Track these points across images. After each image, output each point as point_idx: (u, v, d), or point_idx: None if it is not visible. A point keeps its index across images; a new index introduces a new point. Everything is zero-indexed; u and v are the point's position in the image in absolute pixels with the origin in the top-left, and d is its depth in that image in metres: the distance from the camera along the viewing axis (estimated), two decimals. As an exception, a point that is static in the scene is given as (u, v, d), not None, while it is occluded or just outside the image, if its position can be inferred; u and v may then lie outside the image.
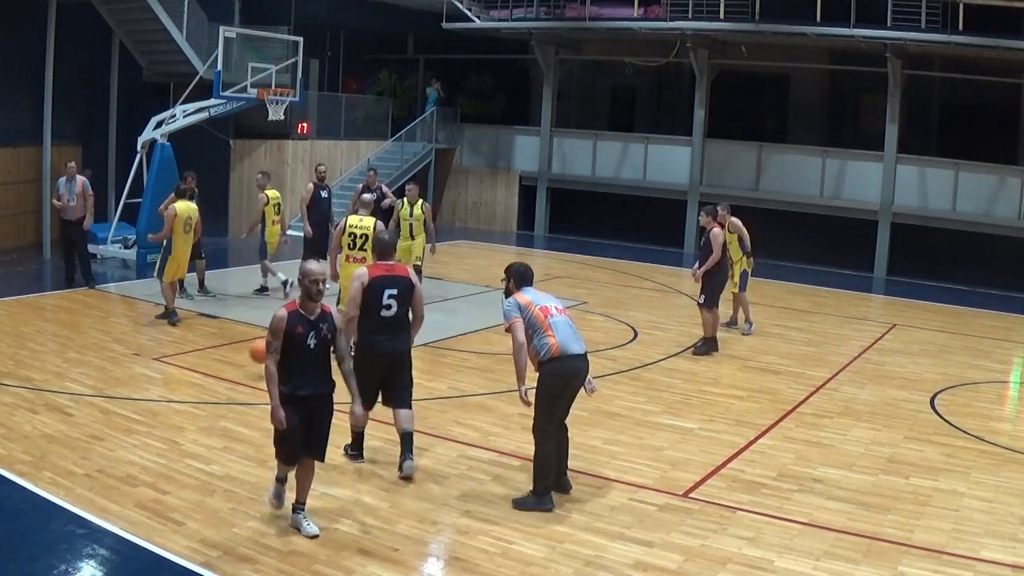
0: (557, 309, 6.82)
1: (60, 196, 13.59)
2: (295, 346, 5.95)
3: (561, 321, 6.76)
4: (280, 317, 5.97)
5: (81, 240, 13.80)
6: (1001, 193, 18.29)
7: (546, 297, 6.94)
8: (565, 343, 6.67)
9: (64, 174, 13.71)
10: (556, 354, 6.64)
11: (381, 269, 7.25)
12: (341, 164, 22.05)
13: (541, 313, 6.72)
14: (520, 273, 7.01)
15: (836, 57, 21.50)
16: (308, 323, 6.00)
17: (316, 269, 6.06)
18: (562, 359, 6.66)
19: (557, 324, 6.72)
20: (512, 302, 6.82)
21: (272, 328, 5.98)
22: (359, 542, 6.07)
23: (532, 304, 6.77)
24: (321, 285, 5.99)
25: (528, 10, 22.06)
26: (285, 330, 5.94)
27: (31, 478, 6.77)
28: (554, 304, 6.85)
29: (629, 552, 6.11)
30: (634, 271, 18.16)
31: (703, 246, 11.79)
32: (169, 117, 16.44)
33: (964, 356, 12.41)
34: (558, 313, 6.80)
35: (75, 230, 13.65)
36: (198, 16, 17.56)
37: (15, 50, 16.32)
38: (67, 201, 13.52)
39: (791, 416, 9.30)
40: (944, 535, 6.55)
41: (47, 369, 9.61)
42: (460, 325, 12.60)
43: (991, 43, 17.01)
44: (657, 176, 21.88)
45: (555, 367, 6.67)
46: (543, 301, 6.84)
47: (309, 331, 5.99)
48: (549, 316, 6.72)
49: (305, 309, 6.02)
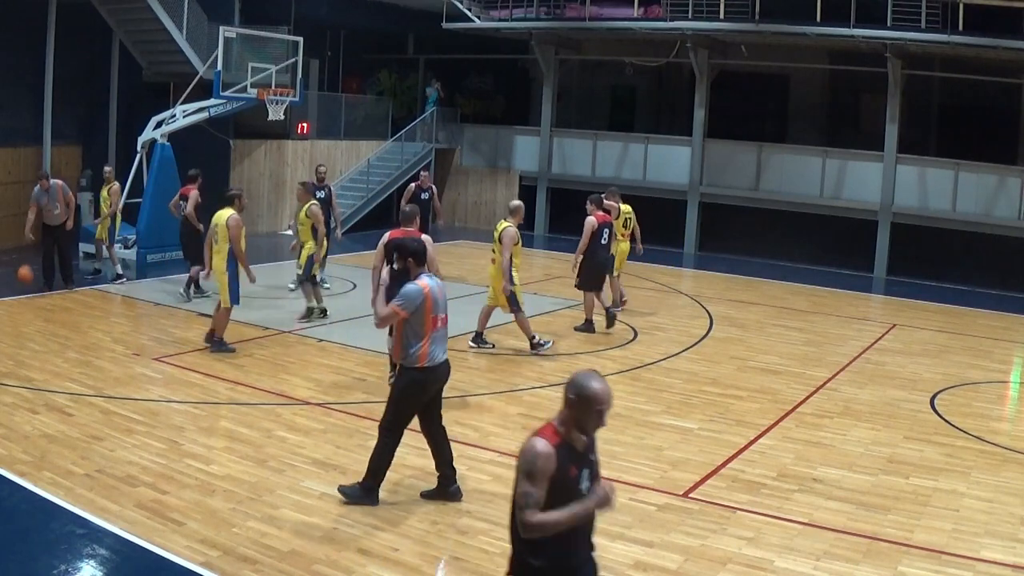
0: (442, 320, 6.63)
1: (41, 207, 13.29)
2: (565, 495, 3.89)
3: (440, 335, 6.62)
4: (545, 453, 3.88)
5: (64, 243, 13.60)
6: (1001, 193, 18.30)
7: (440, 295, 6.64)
8: (434, 353, 6.56)
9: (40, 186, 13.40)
10: (423, 364, 6.51)
11: (399, 232, 8.68)
12: (341, 164, 22.06)
13: (431, 321, 6.51)
14: (417, 251, 6.76)
15: (836, 57, 21.51)
16: (580, 458, 4.04)
17: (606, 392, 4.04)
18: (426, 370, 6.55)
19: (436, 337, 6.56)
20: (416, 292, 6.47)
21: (535, 468, 3.87)
22: (359, 542, 6.07)
23: (429, 302, 6.50)
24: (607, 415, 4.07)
25: (528, 10, 22.07)
26: (555, 472, 3.88)
27: (31, 478, 6.77)
28: (442, 315, 6.62)
29: (629, 552, 6.11)
30: (634, 271, 18.15)
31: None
32: (169, 117, 16.45)
33: (964, 356, 12.41)
34: (442, 325, 6.63)
35: (58, 234, 13.48)
36: (198, 16, 17.56)
37: (15, 50, 16.33)
38: (51, 210, 13.33)
39: (791, 416, 9.30)
40: (944, 535, 6.55)
41: (47, 369, 9.61)
42: (460, 325, 12.55)
43: (991, 43, 17.01)
44: (657, 176, 21.88)
45: (417, 376, 6.56)
46: (439, 309, 6.59)
47: (582, 470, 4.02)
48: (434, 330, 6.55)
49: (575, 439, 4.05)
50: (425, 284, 6.55)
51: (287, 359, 10.46)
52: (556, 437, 3.95)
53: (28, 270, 12.02)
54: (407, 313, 6.46)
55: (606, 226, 12.33)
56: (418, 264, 6.72)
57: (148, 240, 15.84)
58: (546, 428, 4.03)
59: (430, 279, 6.64)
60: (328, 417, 8.48)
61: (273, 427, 8.23)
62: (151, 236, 15.78)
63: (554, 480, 3.83)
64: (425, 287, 6.52)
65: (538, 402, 9.38)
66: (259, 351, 10.70)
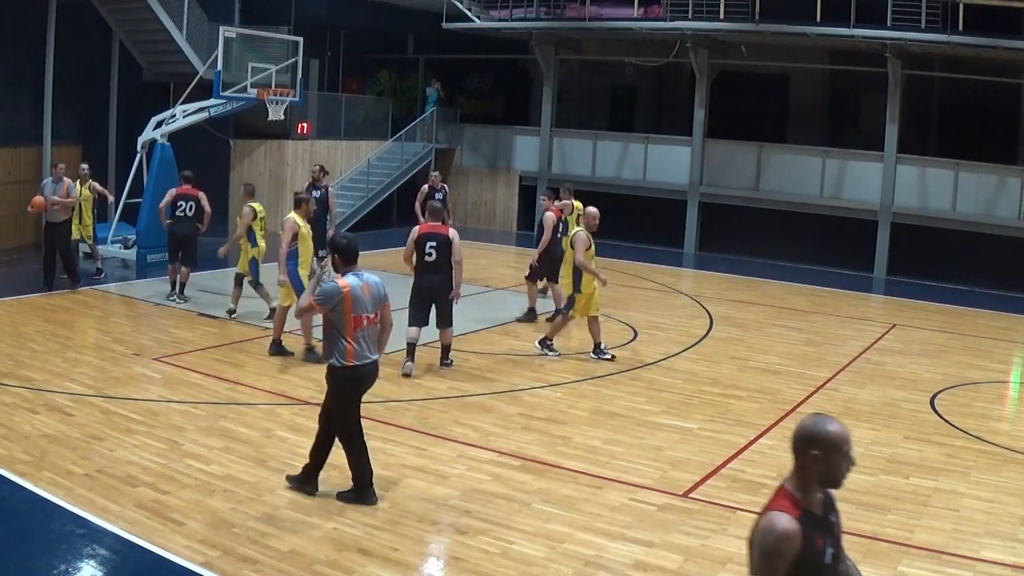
0: (368, 320, 6.52)
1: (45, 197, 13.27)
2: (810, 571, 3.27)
3: (365, 334, 6.51)
4: (789, 533, 3.21)
5: (64, 242, 13.58)
6: (1001, 193, 18.29)
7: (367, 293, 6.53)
8: (360, 352, 6.51)
9: (52, 175, 13.53)
10: (349, 362, 6.49)
11: (428, 227, 10.06)
12: (341, 164, 22.05)
13: (351, 320, 6.45)
14: (344, 248, 6.68)
15: (836, 57, 21.50)
16: (823, 525, 3.37)
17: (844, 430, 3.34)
18: (354, 368, 6.53)
19: (360, 336, 6.49)
20: (334, 290, 6.43)
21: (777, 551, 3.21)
22: (359, 542, 6.07)
23: (348, 302, 6.43)
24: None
25: (528, 10, 22.06)
26: (800, 550, 3.22)
27: (31, 478, 6.77)
28: (367, 314, 6.51)
29: (629, 552, 6.11)
30: (634, 271, 18.16)
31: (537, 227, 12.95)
32: (169, 117, 16.45)
33: (964, 356, 12.40)
34: (368, 325, 6.53)
35: (58, 232, 13.45)
36: (198, 16, 17.56)
37: (15, 50, 16.34)
38: (50, 204, 13.28)
39: (791, 416, 9.30)
40: (944, 535, 6.55)
41: (47, 369, 9.61)
42: (460, 325, 12.56)
43: (991, 43, 17.00)
44: (657, 176, 21.87)
45: (347, 374, 6.54)
46: (362, 308, 6.48)
47: (826, 539, 3.35)
48: (359, 328, 6.47)
49: (813, 503, 3.36)
50: (345, 283, 6.46)
51: (287, 359, 10.45)
52: (796, 509, 3.30)
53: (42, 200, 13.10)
54: (321, 308, 6.47)
55: (561, 221, 12.73)
56: (344, 262, 6.60)
57: (148, 240, 15.83)
58: (781, 498, 3.34)
59: (356, 277, 6.52)
60: (328, 417, 8.47)
61: (273, 427, 8.24)
62: (151, 236, 15.76)
63: (798, 557, 3.24)
64: (344, 286, 6.44)
65: (538, 402, 9.39)
66: (259, 351, 10.70)
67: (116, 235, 16.44)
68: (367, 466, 6.70)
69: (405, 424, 8.49)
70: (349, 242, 6.74)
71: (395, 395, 9.38)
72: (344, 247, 6.68)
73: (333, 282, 6.50)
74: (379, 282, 6.69)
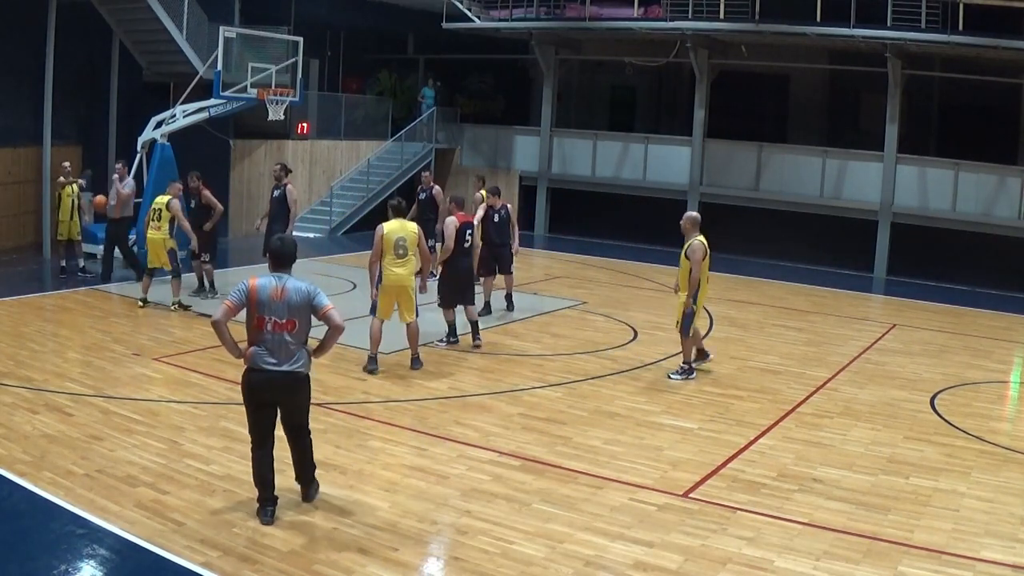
0: (274, 324, 6.16)
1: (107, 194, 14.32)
2: None
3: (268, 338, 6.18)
4: None
5: (122, 239, 14.36)
6: (1001, 193, 18.29)
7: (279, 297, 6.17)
8: (257, 356, 6.20)
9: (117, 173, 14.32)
10: (247, 364, 6.26)
11: (463, 216, 11.31)
12: (341, 164, 22.05)
13: (254, 320, 6.20)
14: (273, 250, 6.42)
15: (836, 57, 21.51)
16: None
17: None
18: (249, 371, 6.26)
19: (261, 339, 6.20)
20: (241, 286, 6.25)
21: None
22: (359, 542, 6.07)
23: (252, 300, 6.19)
24: None
25: (528, 10, 22.07)
26: None
27: (31, 478, 6.77)
28: (273, 317, 6.15)
29: (629, 552, 6.11)
30: (634, 271, 18.16)
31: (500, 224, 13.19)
32: (169, 117, 16.44)
33: (964, 356, 12.40)
34: (274, 329, 6.17)
35: (116, 229, 14.28)
36: (198, 16, 17.55)
37: (15, 50, 16.32)
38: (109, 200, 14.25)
39: (791, 416, 9.30)
40: (944, 535, 6.54)
41: (47, 369, 9.61)
42: (460, 325, 12.60)
43: (991, 43, 17.01)
44: (657, 176, 21.88)
45: (245, 376, 6.30)
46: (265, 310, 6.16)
47: None
48: (261, 330, 6.19)
49: None
50: (254, 281, 6.23)
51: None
52: None
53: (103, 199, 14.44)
54: (231, 303, 6.21)
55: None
56: (273, 264, 6.35)
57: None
58: None
59: (274, 279, 6.21)
60: (328, 417, 8.47)
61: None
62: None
63: None
64: (252, 283, 6.20)
65: (538, 402, 9.39)
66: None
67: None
68: (260, 481, 6.29)
69: (405, 424, 8.49)
70: (281, 244, 6.42)
71: (395, 395, 9.38)
72: (273, 249, 6.42)
73: (246, 280, 6.29)
74: (306, 290, 6.21)
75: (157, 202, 12.83)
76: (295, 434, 6.50)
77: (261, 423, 6.33)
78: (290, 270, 6.37)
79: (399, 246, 9.89)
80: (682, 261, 10.59)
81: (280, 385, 6.24)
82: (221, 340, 6.29)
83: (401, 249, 9.90)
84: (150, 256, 12.89)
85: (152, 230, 12.75)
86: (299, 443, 6.53)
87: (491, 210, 13.20)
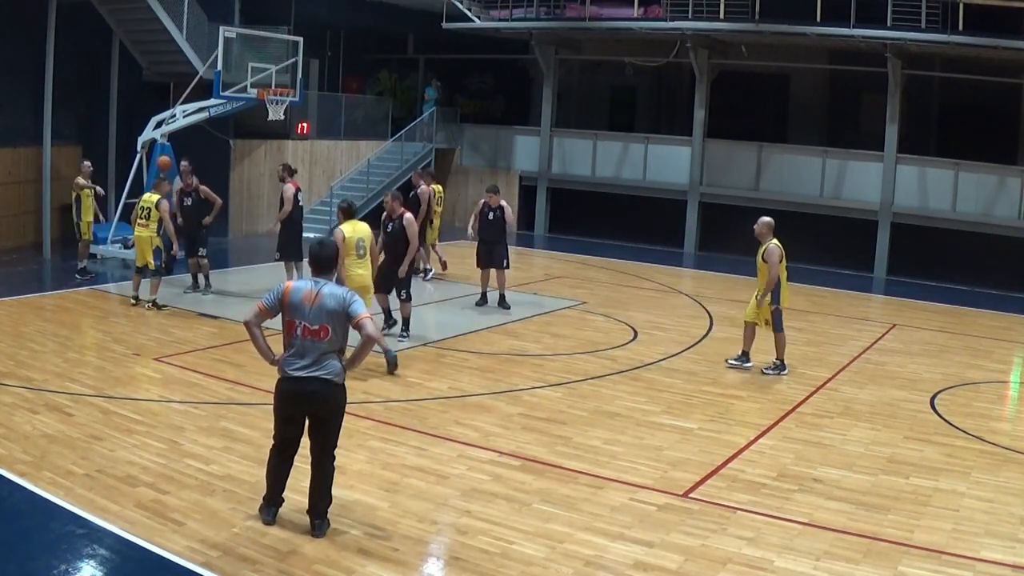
0: (305, 330, 5.99)
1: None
2: None
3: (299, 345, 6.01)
4: None
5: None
6: (1001, 193, 18.29)
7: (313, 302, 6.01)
8: (288, 363, 6.05)
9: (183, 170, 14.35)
10: (280, 373, 6.12)
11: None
12: (341, 164, 22.04)
13: (286, 324, 6.06)
14: (312, 254, 6.26)
15: (836, 57, 21.49)
16: None
17: None
18: (281, 380, 6.12)
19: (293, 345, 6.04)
20: (275, 288, 6.15)
21: None
22: (359, 542, 6.07)
23: (284, 302, 6.06)
24: None
25: (528, 10, 22.06)
26: None
27: (31, 478, 6.76)
28: (304, 323, 5.98)
29: (629, 552, 6.11)
30: (634, 271, 18.16)
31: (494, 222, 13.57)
32: (169, 117, 16.45)
33: (964, 356, 12.41)
34: (305, 335, 5.99)
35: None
36: (198, 16, 17.55)
37: (15, 50, 16.32)
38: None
39: (791, 416, 9.30)
40: (944, 535, 6.55)
41: (47, 369, 9.61)
42: (460, 325, 12.61)
43: (991, 43, 17.00)
44: (657, 176, 21.88)
45: (278, 384, 6.16)
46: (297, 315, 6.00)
47: None
48: (291, 335, 6.04)
49: None
50: (289, 284, 6.13)
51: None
52: None
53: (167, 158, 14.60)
54: (263, 305, 6.07)
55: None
56: (313, 268, 6.23)
57: None
58: None
59: (312, 283, 6.07)
60: (328, 417, 8.46)
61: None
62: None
63: None
64: (287, 286, 6.09)
65: (538, 402, 9.39)
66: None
67: (116, 235, 16.44)
68: (272, 482, 6.24)
69: (405, 424, 8.49)
70: (320, 248, 6.27)
71: (395, 395, 9.38)
72: (312, 253, 6.28)
73: (282, 283, 6.21)
74: (342, 296, 6.03)
75: (146, 200, 12.77)
76: (321, 453, 6.14)
77: (287, 433, 6.17)
78: (332, 275, 6.25)
79: (359, 247, 10.17)
80: (760, 266, 10.91)
81: (310, 393, 6.00)
82: (253, 343, 6.17)
83: (361, 250, 10.18)
84: (138, 254, 12.86)
85: (140, 228, 12.70)
86: (322, 466, 6.14)
87: (486, 207, 13.41)
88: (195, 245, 13.70)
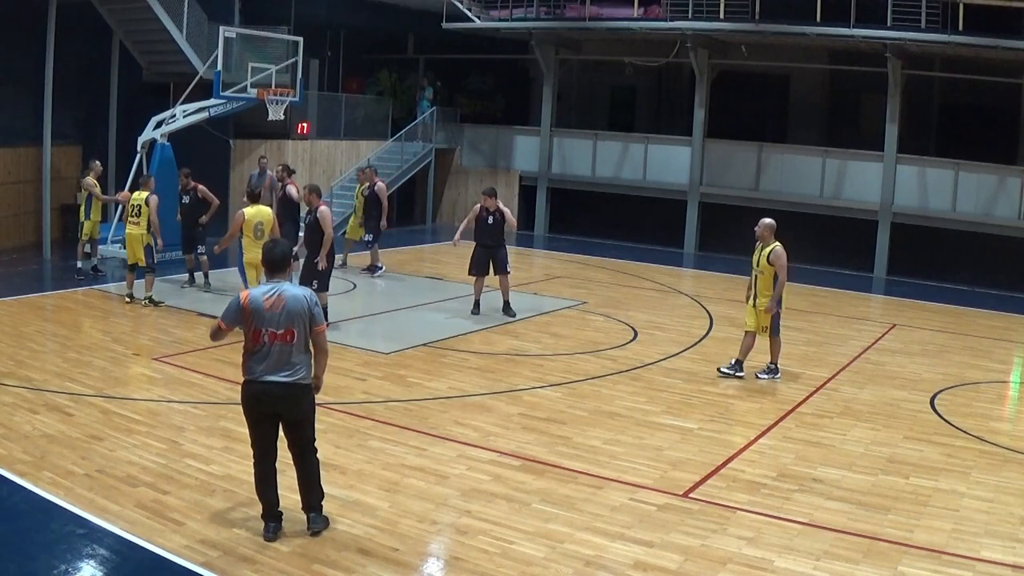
0: (272, 335, 5.92)
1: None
2: None
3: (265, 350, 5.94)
4: None
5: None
6: (1001, 193, 18.29)
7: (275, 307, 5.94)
8: (252, 367, 5.96)
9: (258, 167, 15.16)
10: (244, 376, 6.03)
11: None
12: (341, 164, 22.03)
13: (251, 335, 5.97)
14: (264, 255, 6.24)
15: (836, 57, 21.50)
16: None
17: None
18: (246, 383, 6.02)
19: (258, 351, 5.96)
20: (233, 303, 6.08)
21: None
22: (359, 542, 6.07)
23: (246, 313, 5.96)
24: None
25: (528, 10, 22.06)
26: None
27: (31, 478, 6.77)
28: (271, 329, 5.91)
29: (629, 552, 6.11)
30: (634, 271, 18.16)
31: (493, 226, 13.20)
32: (169, 117, 16.46)
33: (964, 356, 12.41)
34: (271, 340, 5.92)
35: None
36: (198, 16, 17.55)
37: (15, 50, 16.33)
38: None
39: (791, 416, 9.30)
40: (944, 535, 6.55)
41: (47, 369, 9.61)
42: (460, 325, 12.61)
43: (991, 43, 17.00)
44: (657, 176, 21.89)
45: (243, 388, 6.06)
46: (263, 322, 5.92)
47: None
48: (256, 344, 5.95)
49: None
50: (245, 294, 6.06)
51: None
52: None
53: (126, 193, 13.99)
54: (223, 324, 6.06)
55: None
56: (267, 270, 6.19)
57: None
58: None
59: (270, 288, 6.01)
60: (328, 417, 8.46)
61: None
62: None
63: None
64: (243, 297, 6.02)
65: (538, 402, 9.39)
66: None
67: (116, 235, 16.44)
68: (264, 496, 6.10)
69: (405, 424, 8.49)
70: (272, 248, 6.21)
71: (395, 395, 9.38)
72: (264, 254, 6.25)
73: (238, 294, 6.13)
74: (304, 298, 6.00)
75: (136, 198, 12.80)
76: (300, 451, 6.13)
77: (262, 437, 6.07)
78: (287, 276, 6.18)
79: (257, 229, 11.44)
80: (763, 267, 10.57)
81: (276, 396, 5.94)
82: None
83: (259, 232, 11.41)
84: (129, 252, 12.89)
85: (131, 226, 12.75)
86: (304, 461, 6.14)
87: (484, 211, 13.10)
88: (193, 243, 13.77)
